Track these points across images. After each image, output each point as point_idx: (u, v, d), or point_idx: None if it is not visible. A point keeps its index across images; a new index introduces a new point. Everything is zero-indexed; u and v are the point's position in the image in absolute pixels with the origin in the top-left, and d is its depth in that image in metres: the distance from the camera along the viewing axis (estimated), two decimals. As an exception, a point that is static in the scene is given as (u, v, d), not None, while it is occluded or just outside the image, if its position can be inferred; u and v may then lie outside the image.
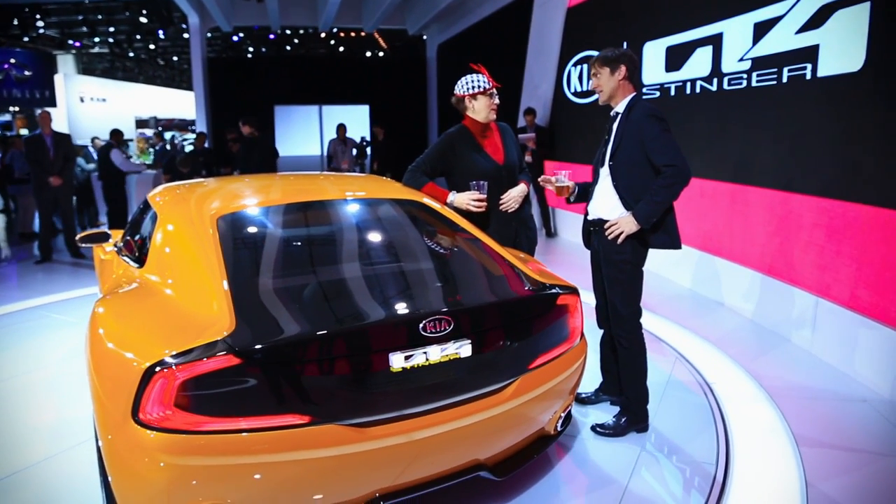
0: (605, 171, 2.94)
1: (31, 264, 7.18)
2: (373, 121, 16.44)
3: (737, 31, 4.94)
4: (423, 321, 1.96)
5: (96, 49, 27.77)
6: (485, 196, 3.09)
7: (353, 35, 23.65)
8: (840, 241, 3.93)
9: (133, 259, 2.75)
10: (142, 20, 19.89)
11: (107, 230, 3.66)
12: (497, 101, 3.22)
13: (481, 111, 3.20)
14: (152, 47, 28.34)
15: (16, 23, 21.54)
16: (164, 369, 1.72)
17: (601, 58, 2.90)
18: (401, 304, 2.18)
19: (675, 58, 5.84)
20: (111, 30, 23.57)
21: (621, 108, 2.90)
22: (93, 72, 30.98)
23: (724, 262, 5.22)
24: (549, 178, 3.09)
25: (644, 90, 6.38)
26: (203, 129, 14.18)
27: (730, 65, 5.05)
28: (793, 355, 4.11)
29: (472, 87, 3.17)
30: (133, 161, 10.47)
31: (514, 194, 3.22)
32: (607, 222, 2.89)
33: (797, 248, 4.36)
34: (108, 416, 1.87)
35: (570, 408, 2.54)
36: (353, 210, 2.71)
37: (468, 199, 3.09)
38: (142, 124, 27.42)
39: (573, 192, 3.12)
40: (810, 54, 4.18)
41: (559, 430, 2.51)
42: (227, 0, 14.02)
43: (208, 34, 16.02)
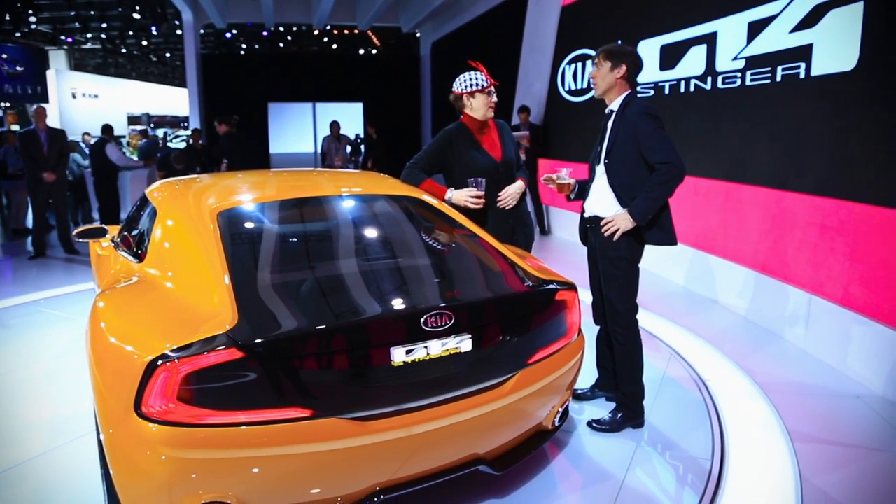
0: (600, 169, 2.96)
1: (25, 260, 7.15)
2: (366, 118, 16.41)
3: (731, 30, 4.98)
4: (425, 316, 1.97)
5: (88, 45, 27.58)
6: (483, 193, 3.10)
7: (346, 33, 23.60)
8: (833, 239, 3.97)
9: (132, 254, 2.75)
10: (135, 16, 19.80)
11: (103, 226, 3.65)
12: (495, 98, 3.24)
13: (479, 109, 3.22)
14: (145, 43, 28.20)
15: (8, 18, 21.38)
16: (166, 363, 1.73)
17: (606, 51, 2.91)
18: (402, 299, 2.19)
19: (670, 56, 5.87)
20: (104, 25, 23.43)
21: (616, 105, 2.92)
22: (85, 68, 30.78)
23: (718, 260, 5.26)
24: (550, 176, 3.11)
25: (638, 88, 6.39)
26: (197, 125, 14.13)
27: (724, 64, 5.09)
28: (786, 352, 4.15)
29: (471, 84, 3.18)
30: (128, 156, 10.44)
31: (511, 191, 3.24)
32: (603, 219, 2.91)
33: (791, 246, 4.40)
34: (110, 410, 1.87)
35: (567, 403, 2.56)
36: (353, 206, 2.72)
37: (466, 196, 3.10)
38: (134, 121, 27.28)
39: (574, 189, 3.13)
40: (804, 53, 4.22)
41: (557, 425, 2.53)
42: (221, -4, 13.96)
43: (202, 31, 15.95)
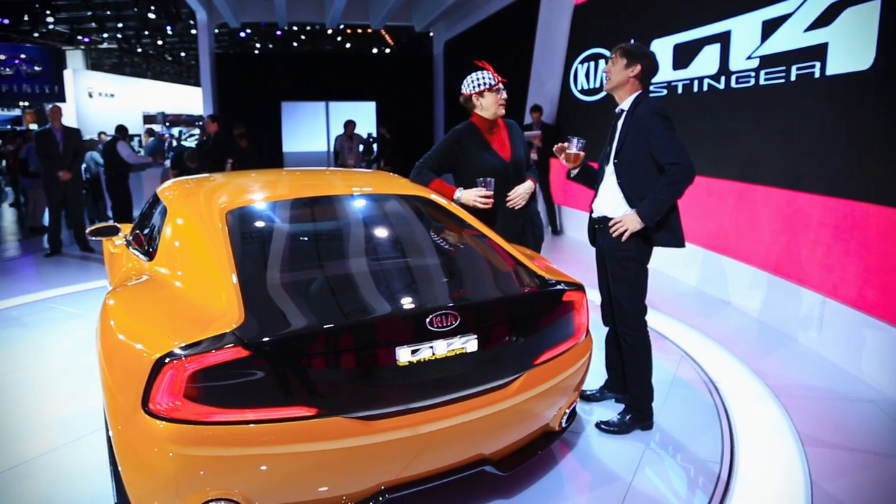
0: (609, 169, 2.94)
1: (41, 257, 7.24)
2: (379, 117, 16.44)
3: (745, 29, 4.93)
4: (430, 316, 1.97)
5: (105, 45, 27.88)
6: (491, 193, 3.09)
7: (360, 32, 23.66)
8: (848, 240, 3.92)
9: (143, 252, 2.77)
10: (150, 16, 19.98)
11: (116, 224, 3.69)
12: (504, 95, 3.22)
13: (490, 107, 3.21)
14: (160, 43, 28.45)
15: (26, 18, 21.68)
16: (173, 360, 1.74)
17: (624, 48, 2.89)
18: (407, 299, 2.19)
19: (683, 55, 5.83)
20: (119, 25, 23.66)
21: (626, 105, 2.90)
22: (101, 67, 31.12)
23: (731, 261, 5.21)
24: (562, 144, 3.06)
25: (651, 88, 6.36)
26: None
27: (738, 63, 5.04)
28: (799, 355, 4.10)
29: (479, 84, 3.18)
30: (140, 155, 10.55)
31: (520, 191, 3.23)
32: (612, 220, 2.90)
33: (804, 248, 4.35)
34: (119, 407, 1.89)
35: (575, 404, 2.55)
36: (361, 205, 2.73)
37: (475, 196, 3.09)
38: (149, 120, 27.54)
39: (579, 165, 3.09)
40: (819, 52, 4.17)
41: (564, 426, 2.52)
42: (235, -4, 14.05)
43: (216, 30, 16.06)
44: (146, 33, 25.62)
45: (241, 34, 26.14)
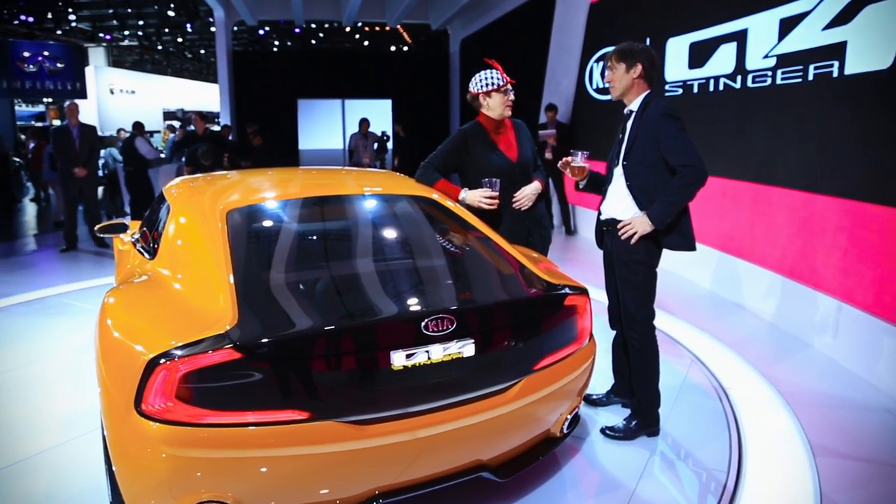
0: (618, 171, 2.88)
1: (57, 252, 7.33)
2: (395, 115, 16.44)
3: (762, 27, 4.83)
4: (426, 320, 1.95)
5: (126, 42, 28.23)
6: (497, 193, 3.05)
7: (377, 30, 23.69)
8: (865, 244, 3.82)
9: (146, 250, 2.78)
10: (170, 14, 20.18)
11: (125, 221, 3.71)
12: (512, 97, 3.19)
13: (496, 108, 3.17)
14: (180, 40, 28.73)
15: (50, 16, 22.01)
16: (166, 361, 1.73)
17: (619, 52, 2.84)
18: (404, 302, 2.16)
19: (699, 54, 5.73)
20: (140, 23, 23.93)
21: (635, 106, 2.84)
22: (123, 64, 31.53)
23: (745, 264, 5.12)
24: (566, 159, 3.03)
25: (667, 87, 6.28)
26: (227, 121, 14.33)
27: (754, 62, 4.94)
28: (813, 361, 4.01)
29: (487, 84, 3.14)
30: (159, 150, 10.66)
31: (527, 192, 3.18)
32: (620, 222, 2.84)
33: (820, 251, 4.25)
34: (113, 406, 1.88)
35: (577, 410, 2.50)
36: (362, 206, 2.70)
37: (480, 197, 3.05)
38: (169, 116, 27.85)
39: (586, 176, 3.05)
40: (837, 51, 4.07)
41: (566, 432, 2.47)
42: (252, -6, 14.11)
43: (234, 28, 16.15)
44: (166, 31, 25.90)
45: (260, 32, 26.31)
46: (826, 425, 3.15)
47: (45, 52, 19.18)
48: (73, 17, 22.09)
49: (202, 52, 32.07)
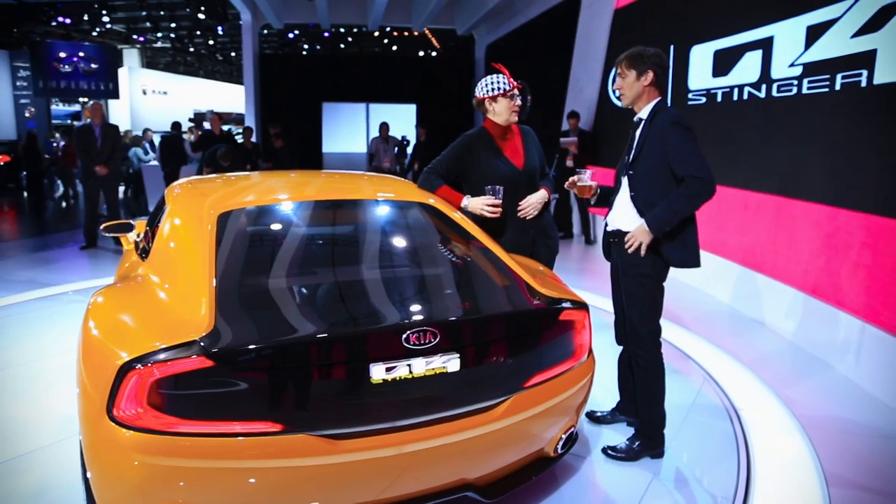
0: (625, 181, 2.78)
1: (77, 249, 7.43)
2: (419, 120, 16.43)
3: (788, 35, 4.66)
4: (407, 332, 1.87)
5: (159, 44, 28.79)
6: (500, 201, 2.96)
7: (406, 34, 23.76)
8: (892, 262, 3.64)
9: (143, 251, 2.75)
10: (200, 16, 20.51)
11: (131, 221, 3.71)
12: (519, 102, 3.10)
13: (502, 113, 3.08)
14: (211, 43, 29.22)
15: (86, 18, 22.58)
16: (137, 367, 1.69)
17: (629, 58, 2.74)
18: (386, 313, 2.08)
19: (723, 62, 5.57)
20: (173, 25, 24.40)
21: (645, 113, 2.73)
22: (156, 66, 32.15)
23: (766, 279, 4.93)
24: (573, 178, 2.95)
25: (690, 95, 6.12)
26: (251, 123, 14.47)
27: (780, 70, 4.77)
28: (833, 383, 3.83)
29: (492, 88, 3.06)
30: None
31: (532, 201, 3.09)
32: (626, 234, 2.74)
33: (845, 269, 4.07)
34: (88, 411, 1.84)
35: (572, 429, 2.39)
36: (357, 212, 2.64)
37: (482, 204, 2.97)
38: (200, 117, 28.32)
39: (595, 193, 2.96)
40: (867, 60, 3.89)
41: (560, 452, 2.37)
42: (279, -3, 14.25)
43: (264, 31, 16.33)
44: (198, 33, 26.35)
45: (289, 35, 26.60)
46: (842, 453, 2.99)
47: (81, 53, 19.66)
48: (106, 18, 22.57)
49: (233, 54, 32.57)
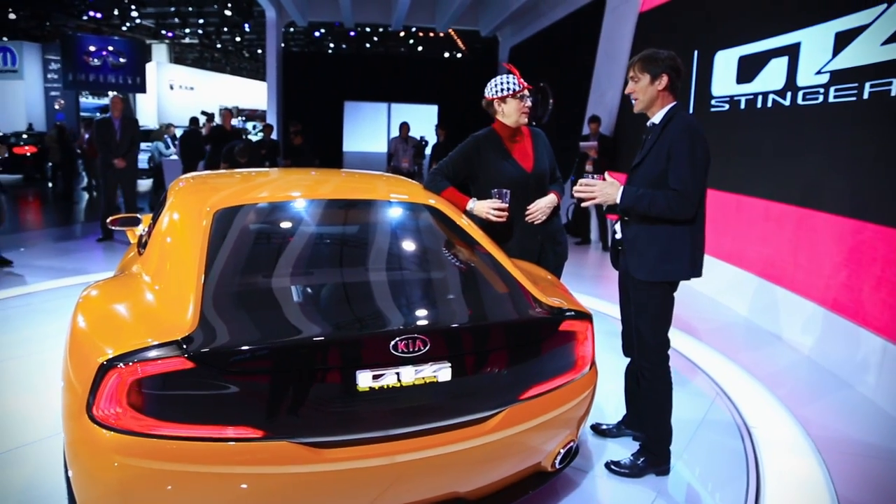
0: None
1: (94, 241, 7.50)
2: (441, 121, 16.39)
3: (815, 42, 4.51)
4: (396, 339, 1.80)
5: (187, 40, 29.17)
6: (506, 205, 2.88)
7: (431, 35, 23.74)
8: (917, 280, 3.49)
9: (143, 245, 2.73)
10: (227, 13, 20.73)
11: (138, 215, 3.69)
12: (529, 103, 3.01)
13: (511, 115, 3.01)
14: (238, 40, 29.52)
15: (116, 13, 22.95)
16: (118, 366, 1.65)
17: (643, 60, 2.63)
18: (376, 318, 2.01)
19: (748, 69, 5.42)
20: (201, 21, 24.69)
21: (658, 118, 2.63)
22: (184, 61, 32.60)
23: (785, 292, 4.78)
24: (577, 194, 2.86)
25: (713, 102, 5.98)
26: (273, 120, 14.54)
27: (806, 78, 4.62)
28: (851, 403, 3.68)
29: (502, 89, 2.98)
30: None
31: (541, 205, 3.00)
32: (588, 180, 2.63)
33: (867, 285, 3.92)
34: (70, 408, 1.81)
35: (572, 444, 2.30)
36: (355, 212, 2.58)
37: (488, 208, 2.89)
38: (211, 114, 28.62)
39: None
40: (897, 69, 3.75)
41: (558, 466, 2.28)
42: (302, -5, 14.30)
43: (290, 29, 16.41)
44: (225, 30, 26.63)
45: (316, 34, 26.76)
46: (857, 476, 2.86)
47: (110, 47, 19.93)
48: (135, 13, 22.91)
49: (259, 51, 32.89)
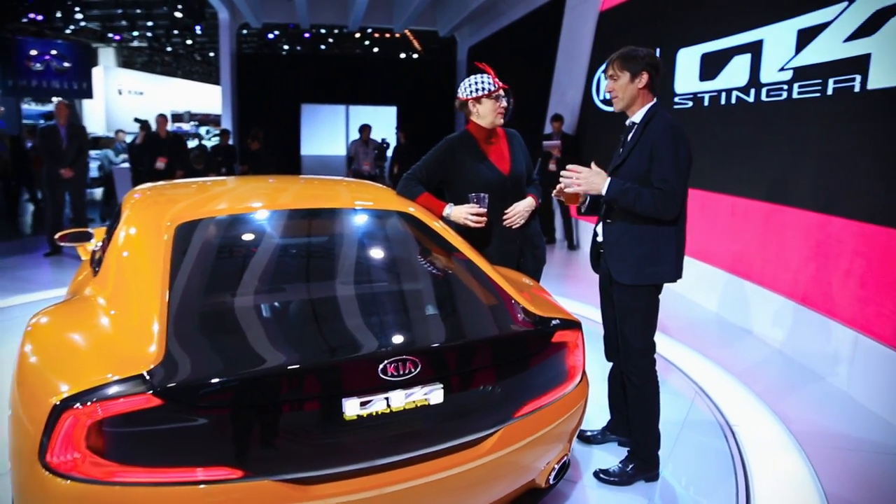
0: None
1: (41, 256, 7.10)
2: (400, 122, 16.23)
3: (778, 39, 4.56)
4: (384, 362, 1.68)
5: (136, 43, 28.23)
6: (485, 210, 2.78)
7: (388, 36, 23.53)
8: (885, 271, 3.54)
9: (97, 264, 2.52)
10: (177, 15, 20.10)
11: (90, 229, 3.45)
12: (504, 103, 2.92)
13: (487, 116, 2.91)
14: (189, 42, 28.73)
15: (59, 15, 21.99)
16: (73, 407, 1.47)
17: (622, 58, 2.55)
18: (361, 340, 1.88)
19: (711, 66, 5.46)
20: (150, 24, 23.91)
21: (638, 118, 2.57)
22: (133, 65, 31.53)
23: (755, 287, 4.82)
24: (560, 187, 2.77)
25: (676, 99, 6.01)
26: (228, 125, 14.14)
27: (769, 74, 4.67)
28: (827, 396, 3.71)
29: (476, 89, 2.88)
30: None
31: (519, 209, 2.91)
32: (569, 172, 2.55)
33: (836, 277, 3.97)
34: (19, 445, 1.60)
35: (565, 458, 2.22)
36: (330, 222, 2.43)
37: (466, 213, 2.78)
38: (177, 118, 27.77)
39: (584, 201, 2.79)
40: (860, 64, 3.79)
41: (552, 482, 2.19)
42: (257, -4, 13.95)
43: (243, 31, 16.00)
44: (175, 32, 25.87)
45: (269, 35, 26.21)
46: (841, 470, 2.86)
47: (53, 51, 19.07)
48: (79, 16, 22.02)
49: (211, 54, 32.09)
